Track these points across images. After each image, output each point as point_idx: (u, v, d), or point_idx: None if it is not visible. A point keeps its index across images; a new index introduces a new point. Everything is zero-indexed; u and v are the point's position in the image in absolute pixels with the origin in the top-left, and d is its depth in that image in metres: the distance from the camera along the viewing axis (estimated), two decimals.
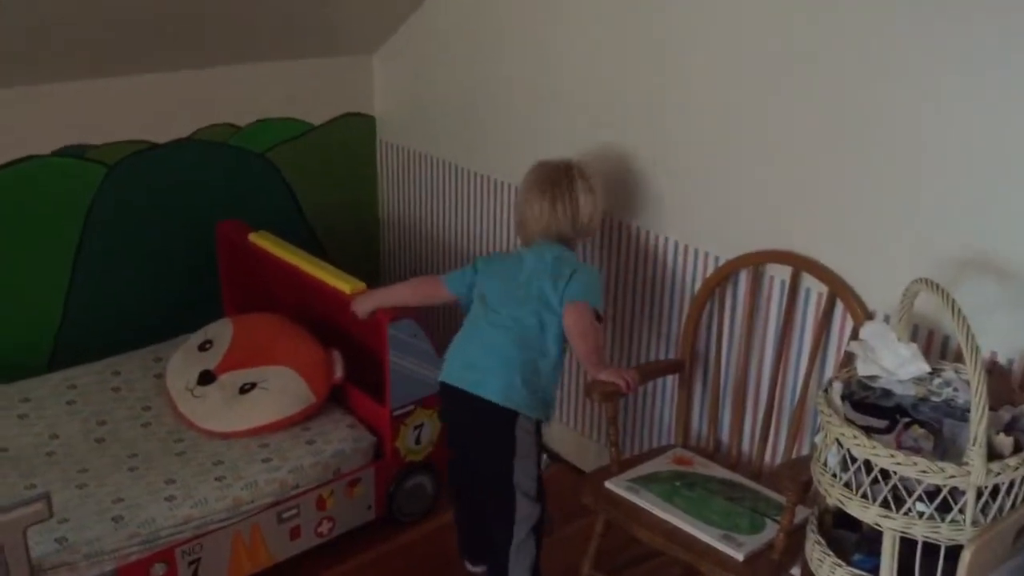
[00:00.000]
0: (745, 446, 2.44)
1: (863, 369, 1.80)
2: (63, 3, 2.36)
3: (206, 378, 2.60)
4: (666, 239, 2.55)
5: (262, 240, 2.82)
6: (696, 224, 2.46)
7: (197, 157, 3.04)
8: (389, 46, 3.29)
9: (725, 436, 2.47)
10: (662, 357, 2.64)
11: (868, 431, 1.68)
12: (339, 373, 2.62)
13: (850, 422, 1.70)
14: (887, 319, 2.08)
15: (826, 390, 1.77)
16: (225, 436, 2.50)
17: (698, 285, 2.47)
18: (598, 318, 2.20)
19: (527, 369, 2.16)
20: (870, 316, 2.12)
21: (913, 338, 1.90)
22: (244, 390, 2.55)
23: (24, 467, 2.36)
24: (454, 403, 2.24)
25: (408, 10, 3.12)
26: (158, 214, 3.00)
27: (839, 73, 2.08)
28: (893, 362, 1.79)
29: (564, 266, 2.22)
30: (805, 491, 1.89)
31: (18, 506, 1.91)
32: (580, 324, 2.15)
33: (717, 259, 2.43)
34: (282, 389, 2.54)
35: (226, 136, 3.09)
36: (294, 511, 2.40)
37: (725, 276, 2.39)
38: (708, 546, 2.01)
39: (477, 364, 2.18)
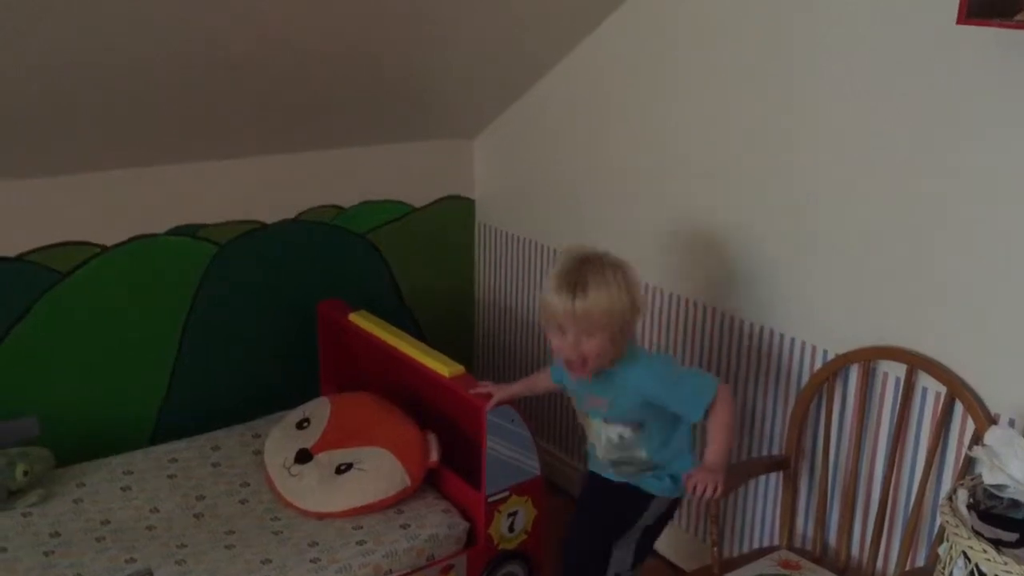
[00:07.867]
0: (855, 551, 2.33)
1: (989, 477, 1.71)
2: (179, 91, 2.47)
3: (303, 457, 2.61)
4: (771, 331, 2.49)
5: (361, 320, 2.85)
6: (804, 317, 2.40)
7: (302, 237, 3.11)
8: (490, 131, 3.34)
9: (832, 539, 2.36)
10: (765, 453, 2.56)
11: (998, 545, 1.58)
12: (434, 456, 2.60)
13: (978, 534, 1.60)
14: (1012, 423, 1.97)
15: (950, 498, 1.68)
16: (321, 516, 2.50)
17: (805, 379, 2.39)
18: None
19: None
20: (992, 419, 2.02)
21: None
22: (340, 470, 2.55)
23: (125, 540, 2.39)
24: None
25: (511, 98, 3.18)
26: (263, 292, 3.07)
27: (959, 164, 2.03)
28: (1022, 471, 1.70)
29: None
30: None
31: None
32: None
33: (826, 353, 2.35)
34: (377, 471, 2.54)
35: (330, 217, 3.16)
36: None
37: (834, 371, 2.31)
38: None
39: None
